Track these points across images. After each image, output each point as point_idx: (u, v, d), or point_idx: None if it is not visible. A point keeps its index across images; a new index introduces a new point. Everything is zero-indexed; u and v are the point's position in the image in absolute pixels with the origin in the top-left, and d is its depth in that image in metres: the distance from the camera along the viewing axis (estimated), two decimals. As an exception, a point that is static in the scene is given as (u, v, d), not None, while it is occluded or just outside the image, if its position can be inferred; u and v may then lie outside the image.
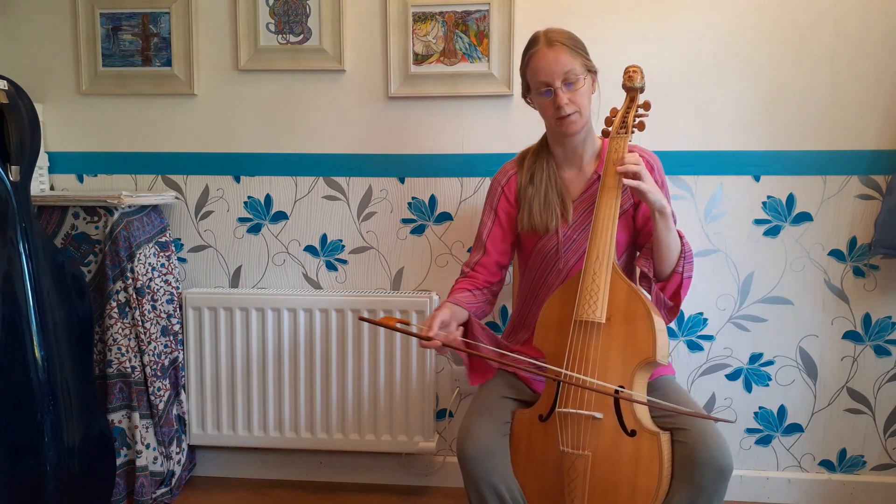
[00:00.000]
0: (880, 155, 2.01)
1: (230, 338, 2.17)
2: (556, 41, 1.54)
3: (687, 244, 1.55)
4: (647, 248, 1.58)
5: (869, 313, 2.07)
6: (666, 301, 1.55)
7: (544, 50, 1.54)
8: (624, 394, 1.38)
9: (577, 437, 1.40)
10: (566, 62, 1.53)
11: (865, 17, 1.98)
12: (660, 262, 1.53)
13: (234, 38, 2.17)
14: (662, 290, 1.55)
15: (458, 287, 1.66)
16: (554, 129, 1.61)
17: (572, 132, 1.58)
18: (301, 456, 2.29)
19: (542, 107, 1.59)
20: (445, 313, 1.49)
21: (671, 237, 1.50)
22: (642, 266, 1.57)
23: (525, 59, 1.60)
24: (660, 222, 1.48)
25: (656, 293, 1.55)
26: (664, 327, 1.45)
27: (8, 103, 1.82)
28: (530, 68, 1.57)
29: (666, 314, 1.56)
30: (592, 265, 1.46)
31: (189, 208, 2.26)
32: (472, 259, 1.72)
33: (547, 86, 1.54)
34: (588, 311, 1.43)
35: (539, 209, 1.62)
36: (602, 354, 1.42)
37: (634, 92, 1.57)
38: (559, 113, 1.54)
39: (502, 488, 1.41)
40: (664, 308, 1.55)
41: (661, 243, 1.50)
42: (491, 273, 1.69)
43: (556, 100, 1.53)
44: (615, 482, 1.38)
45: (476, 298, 1.65)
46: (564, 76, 1.52)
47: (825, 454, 2.14)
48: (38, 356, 1.82)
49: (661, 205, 1.46)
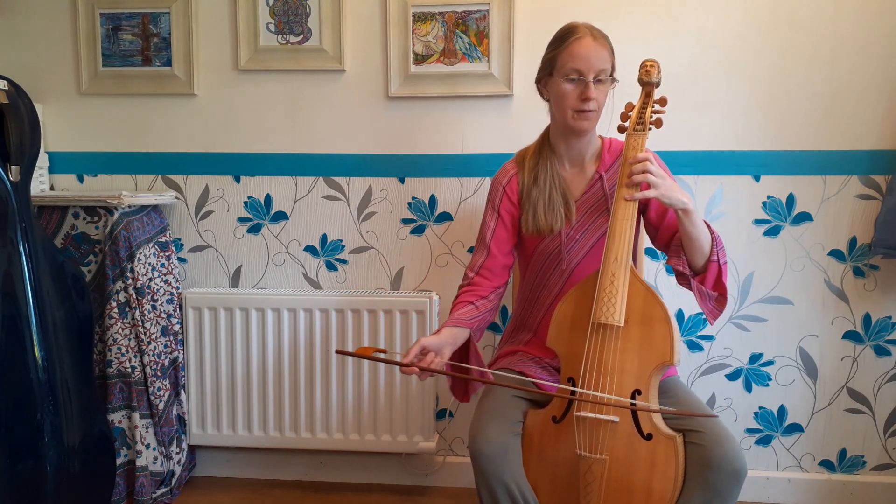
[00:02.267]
0: (880, 155, 2.01)
1: (230, 338, 2.17)
2: (599, 36, 1.53)
3: (714, 230, 1.50)
4: (675, 246, 1.53)
5: (869, 313, 2.07)
6: (709, 293, 1.51)
7: (589, 39, 1.51)
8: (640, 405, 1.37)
9: (594, 440, 1.40)
10: (605, 59, 1.52)
11: (865, 17, 1.98)
12: (693, 257, 1.49)
13: (234, 38, 2.17)
14: (703, 282, 1.50)
15: (461, 301, 1.63)
16: (567, 122, 1.56)
17: (585, 129, 1.56)
18: (301, 456, 2.29)
19: (563, 94, 1.54)
20: (432, 340, 1.47)
21: (699, 231, 1.45)
22: (675, 265, 1.52)
23: (562, 42, 1.54)
24: (685, 220, 1.43)
25: (697, 287, 1.50)
26: (679, 329, 1.43)
27: (8, 103, 1.82)
28: (567, 51, 1.52)
29: (714, 305, 1.51)
30: (611, 266, 1.43)
31: (189, 208, 2.26)
32: (475, 262, 1.68)
33: (580, 74, 1.51)
34: (606, 314, 1.41)
35: (544, 210, 1.61)
36: (619, 357, 1.41)
37: (651, 87, 1.52)
38: (582, 105, 1.52)
39: (514, 488, 1.40)
40: (710, 300, 1.51)
41: (691, 238, 1.46)
42: (496, 276, 1.67)
43: (586, 91, 1.50)
44: (630, 485, 1.38)
45: (479, 311, 1.61)
46: (599, 72, 1.51)
47: (825, 454, 2.14)
48: (38, 356, 1.82)
49: (682, 204, 1.41)
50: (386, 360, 1.46)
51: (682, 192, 1.43)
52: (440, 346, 1.48)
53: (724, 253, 1.51)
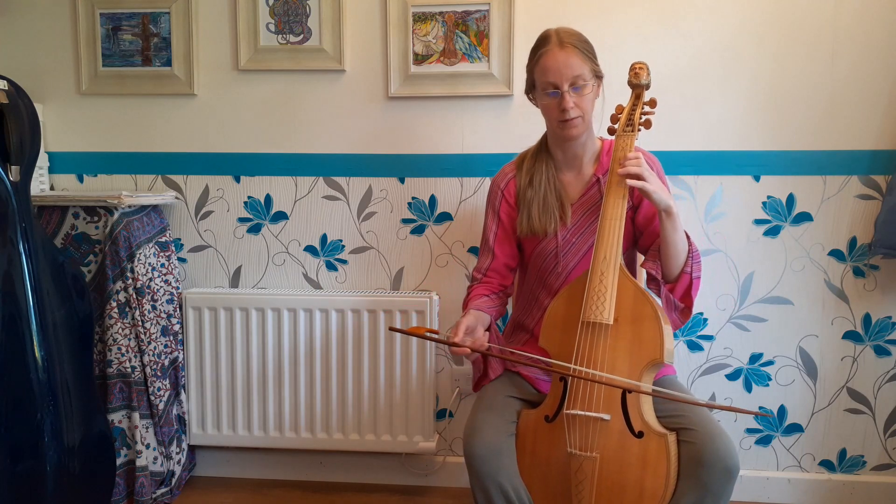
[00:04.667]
0: (880, 155, 2.01)
1: (230, 338, 2.17)
2: (567, 43, 1.51)
3: (694, 244, 1.52)
4: (654, 250, 1.55)
5: (869, 313, 2.07)
6: (676, 303, 1.52)
7: (556, 50, 1.51)
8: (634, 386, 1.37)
9: (584, 438, 1.40)
10: (576, 66, 1.50)
11: (865, 17, 1.98)
12: (667, 263, 1.50)
13: (234, 38, 2.17)
14: (672, 291, 1.52)
15: (476, 293, 1.65)
16: (555, 131, 1.59)
17: (573, 136, 1.57)
18: (301, 456, 2.29)
19: (546, 107, 1.57)
20: (471, 319, 1.49)
21: (678, 237, 1.47)
22: (649, 268, 1.54)
23: (534, 56, 1.56)
24: (666, 222, 1.45)
25: (666, 295, 1.52)
26: (670, 327, 1.44)
27: (8, 103, 1.81)
28: (539, 67, 1.54)
29: (678, 316, 1.53)
30: (599, 265, 1.44)
31: (189, 208, 2.26)
32: (481, 264, 1.71)
33: (554, 87, 1.52)
34: (596, 313, 1.42)
35: (538, 212, 1.61)
36: (609, 355, 1.41)
37: (640, 89, 1.54)
38: (563, 116, 1.52)
39: (508, 488, 1.41)
40: (675, 310, 1.53)
41: (668, 243, 1.47)
42: (503, 276, 1.70)
43: (563, 102, 1.51)
44: (622, 484, 1.38)
45: (493, 302, 1.64)
46: (573, 80, 1.50)
47: (825, 454, 2.14)
48: (38, 356, 1.82)
49: (666, 204, 1.43)
50: (438, 340, 1.47)
51: (669, 194, 1.46)
52: (476, 325, 1.50)
53: (699, 268, 1.52)
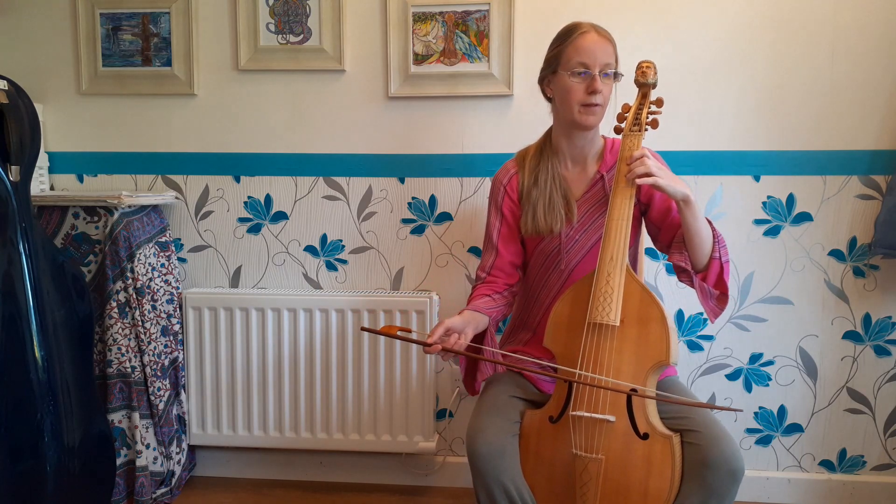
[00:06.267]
0: (880, 155, 2.01)
1: (230, 338, 2.17)
2: (603, 32, 1.54)
3: (717, 229, 1.50)
4: (678, 242, 1.53)
5: (869, 313, 2.07)
6: (711, 290, 1.50)
7: (594, 34, 1.53)
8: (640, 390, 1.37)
9: (590, 440, 1.40)
10: (609, 53, 1.53)
11: (865, 17, 1.98)
12: (694, 252, 1.48)
13: (234, 38, 2.17)
14: (704, 279, 1.50)
15: (478, 293, 1.63)
16: (573, 117, 1.55)
17: (590, 124, 1.55)
18: (301, 456, 2.29)
19: (570, 89, 1.54)
20: (456, 320, 1.47)
21: (700, 224, 1.45)
22: (677, 261, 1.52)
23: (567, 37, 1.55)
24: (686, 212, 1.43)
25: (699, 285, 1.50)
26: (675, 328, 1.43)
27: (8, 103, 1.81)
28: (573, 46, 1.53)
29: (715, 304, 1.51)
30: (606, 266, 1.44)
31: (189, 208, 2.26)
32: (485, 263, 1.69)
33: (586, 67, 1.51)
34: (602, 314, 1.41)
35: (543, 212, 1.60)
36: (615, 357, 1.41)
37: (647, 88, 1.54)
38: (589, 99, 1.51)
39: (511, 488, 1.40)
40: (711, 298, 1.51)
41: (692, 232, 1.45)
42: (508, 275, 1.68)
43: (593, 83, 1.51)
44: (627, 485, 1.38)
45: (496, 303, 1.62)
46: (604, 66, 1.52)
47: (825, 454, 2.14)
48: (38, 356, 1.82)
49: (683, 194, 1.41)
50: (409, 339, 1.46)
51: (683, 183, 1.43)
52: (463, 326, 1.48)
53: (727, 251, 1.52)
